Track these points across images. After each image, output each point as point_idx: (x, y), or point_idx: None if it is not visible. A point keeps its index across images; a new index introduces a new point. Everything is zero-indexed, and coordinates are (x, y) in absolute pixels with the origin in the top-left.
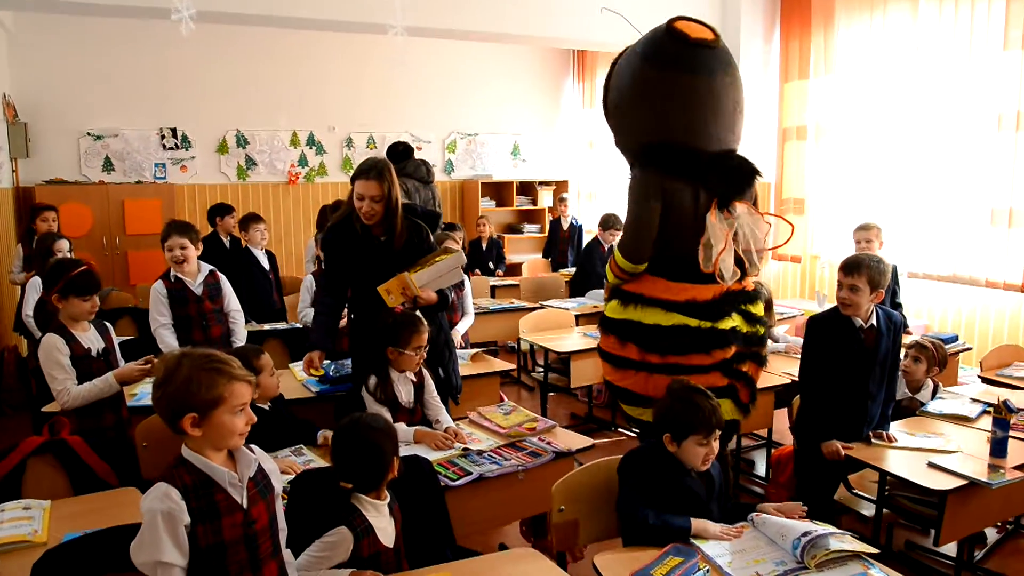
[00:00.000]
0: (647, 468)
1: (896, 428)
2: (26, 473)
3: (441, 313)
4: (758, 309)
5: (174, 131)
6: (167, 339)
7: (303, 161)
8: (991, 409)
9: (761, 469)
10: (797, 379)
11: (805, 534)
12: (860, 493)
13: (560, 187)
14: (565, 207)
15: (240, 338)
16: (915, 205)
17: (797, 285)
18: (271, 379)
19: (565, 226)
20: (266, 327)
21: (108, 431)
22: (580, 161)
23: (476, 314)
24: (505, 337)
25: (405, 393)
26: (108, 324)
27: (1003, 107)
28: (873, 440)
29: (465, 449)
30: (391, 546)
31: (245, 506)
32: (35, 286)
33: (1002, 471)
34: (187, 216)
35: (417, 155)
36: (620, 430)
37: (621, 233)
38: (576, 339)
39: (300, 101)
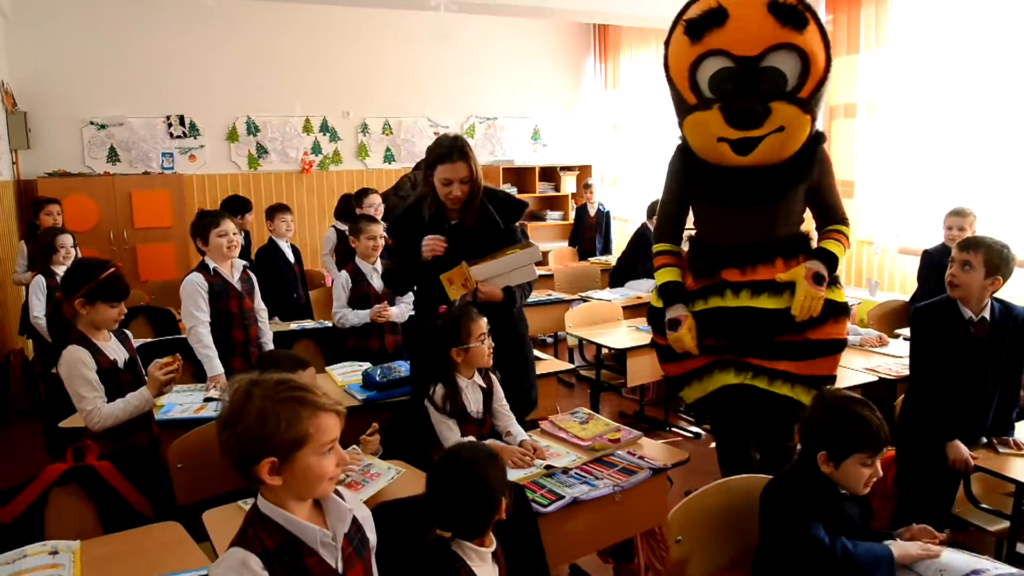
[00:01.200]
0: (797, 495)
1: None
2: (49, 506)
3: (516, 318)
4: None
5: (181, 119)
6: (204, 339)
7: (317, 148)
8: None
9: None
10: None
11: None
12: (986, 507)
13: (583, 172)
14: (591, 193)
15: (268, 340)
16: (979, 188)
17: (845, 273)
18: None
19: (592, 213)
20: (294, 326)
21: (140, 453)
22: (603, 145)
23: None
24: (544, 331)
25: (474, 402)
26: (127, 332)
27: None
28: (1000, 448)
29: (548, 466)
30: None
31: (341, 570)
32: (39, 286)
33: None
34: (199, 207)
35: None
36: (674, 430)
37: (843, 211)
38: (625, 333)
39: (312, 86)
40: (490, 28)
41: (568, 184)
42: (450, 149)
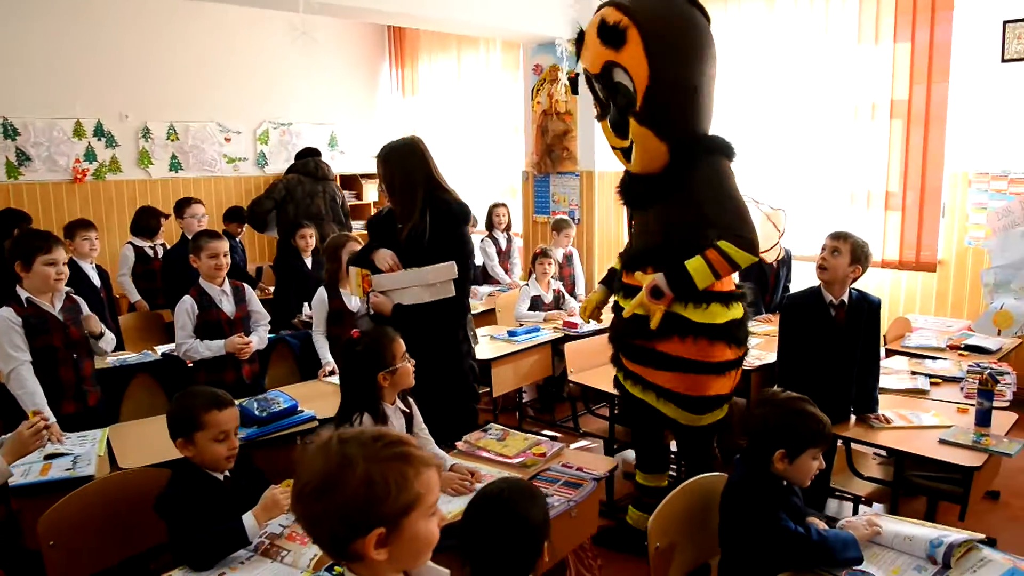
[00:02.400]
0: (759, 493)
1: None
2: None
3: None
4: None
5: None
6: (27, 383)
7: (91, 155)
8: (938, 380)
9: None
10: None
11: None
12: (869, 475)
13: None
14: None
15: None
16: (781, 189)
17: None
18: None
19: None
20: (113, 360)
21: None
22: None
23: None
24: None
25: (398, 427)
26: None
27: (859, 98)
28: (873, 423)
29: None
30: None
31: None
32: None
33: (1007, 439)
34: None
35: (226, 147)
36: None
37: (730, 227)
38: (487, 345)
39: (85, 84)
40: (278, 27)
41: (370, 192)
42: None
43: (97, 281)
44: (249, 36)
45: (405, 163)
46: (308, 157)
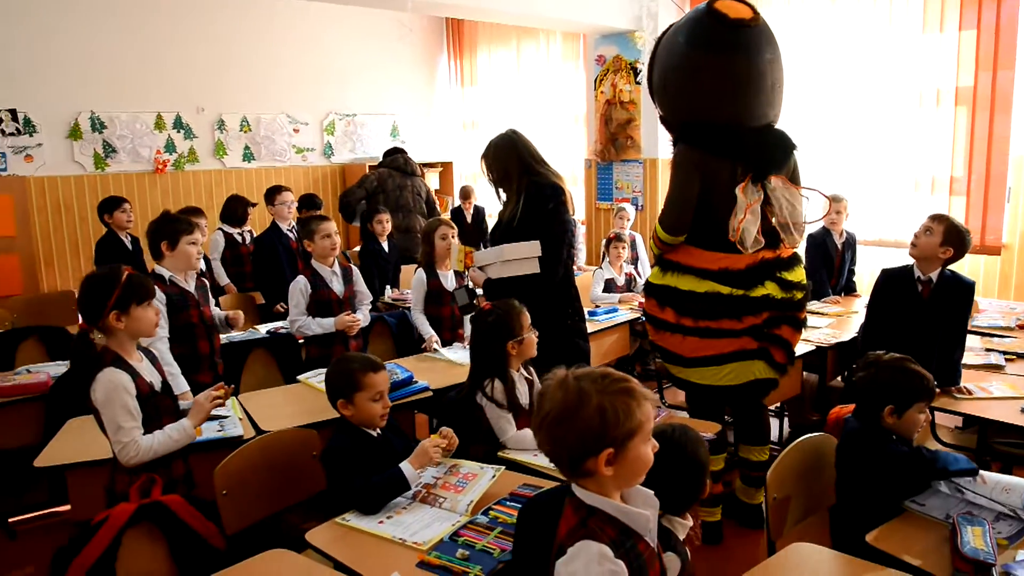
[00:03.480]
0: (872, 442)
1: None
2: (122, 551)
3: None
4: (795, 275)
5: (14, 113)
6: (166, 356)
7: (170, 147)
8: (1012, 356)
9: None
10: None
11: None
12: (949, 442)
13: (446, 169)
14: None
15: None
16: (846, 176)
17: None
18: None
19: (468, 218)
20: (238, 336)
21: (179, 484)
22: (459, 142)
23: None
24: None
25: (524, 395)
26: (153, 351)
27: (924, 85)
28: (956, 395)
29: None
30: None
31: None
32: None
33: None
34: (39, 214)
35: (295, 138)
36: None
37: (663, 207)
38: None
39: (164, 79)
40: (346, 22)
41: (431, 180)
42: None
43: (202, 264)
44: (316, 31)
45: (501, 157)
46: (396, 155)
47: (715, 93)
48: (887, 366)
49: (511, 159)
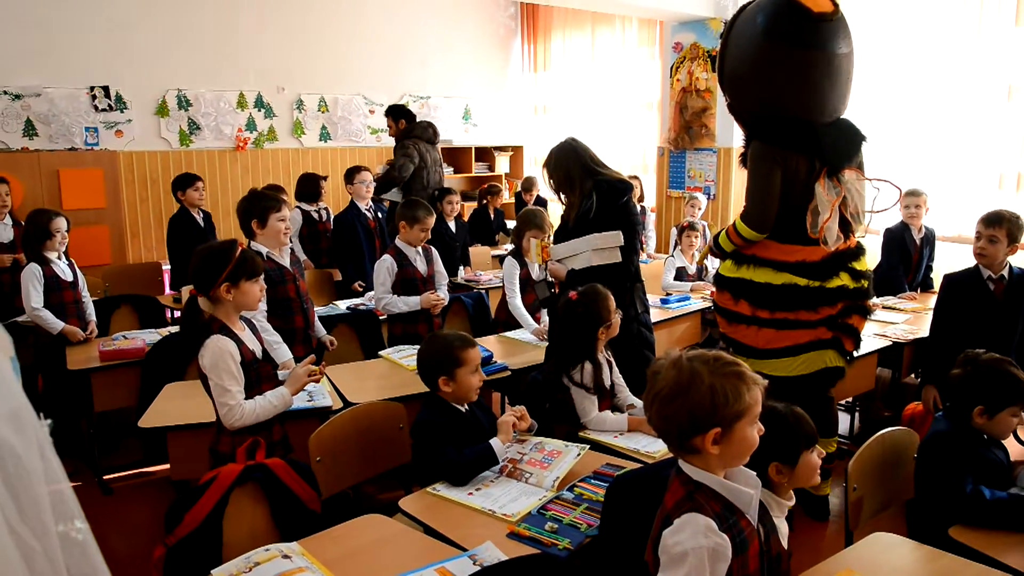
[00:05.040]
0: (952, 451)
1: None
2: (228, 509)
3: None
4: (862, 265)
5: (107, 90)
6: (266, 329)
7: (251, 125)
8: None
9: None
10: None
11: None
12: None
13: (516, 153)
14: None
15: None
16: (929, 170)
17: None
18: (473, 377)
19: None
20: (322, 311)
21: (278, 447)
22: (530, 126)
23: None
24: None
25: (607, 377)
26: (254, 321)
27: (1013, 79)
28: None
29: None
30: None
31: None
32: (34, 274)
33: None
34: (127, 187)
35: (370, 119)
36: None
37: (746, 203)
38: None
39: (247, 59)
40: (421, 5)
41: (502, 164)
42: None
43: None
44: (393, 13)
45: (562, 163)
46: (427, 126)
47: (792, 87)
48: (984, 365)
49: (573, 163)
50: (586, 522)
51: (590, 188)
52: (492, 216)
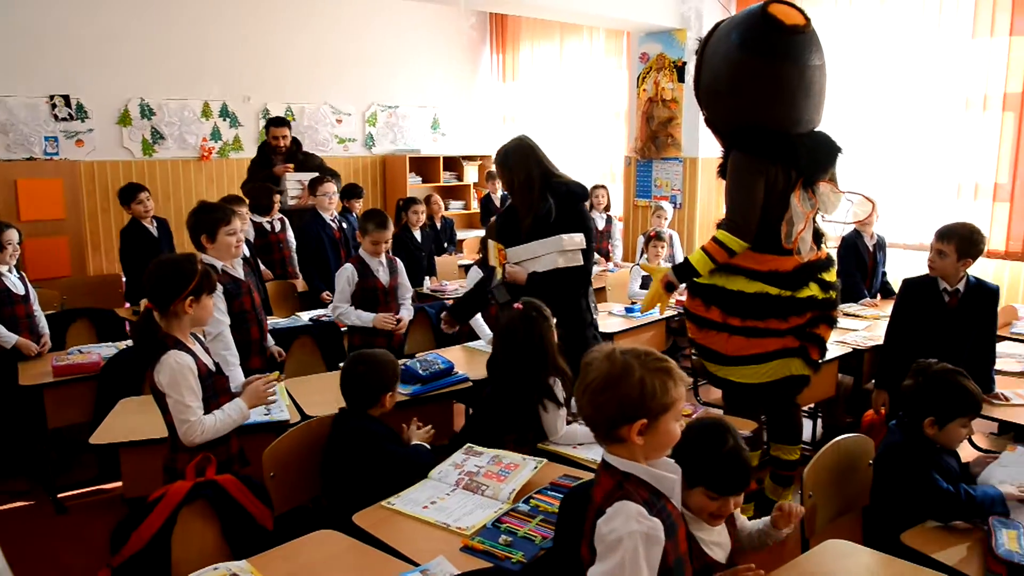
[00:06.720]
0: (913, 456)
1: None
2: (177, 528)
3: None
4: (831, 276)
5: (67, 99)
6: (231, 345)
7: (216, 135)
8: None
9: None
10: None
11: None
12: (983, 446)
13: (485, 162)
14: (495, 183)
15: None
16: (888, 179)
17: None
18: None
19: (497, 202)
20: (284, 322)
21: (235, 461)
22: (499, 136)
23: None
24: None
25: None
26: (201, 336)
27: (971, 90)
28: (993, 402)
29: None
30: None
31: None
32: None
33: None
34: (88, 198)
35: (337, 128)
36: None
37: (729, 214)
38: (607, 320)
39: (212, 68)
40: (391, 14)
41: (470, 174)
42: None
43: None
44: (361, 22)
45: (520, 163)
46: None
47: (769, 98)
48: (935, 376)
49: (532, 165)
50: (541, 534)
51: (552, 188)
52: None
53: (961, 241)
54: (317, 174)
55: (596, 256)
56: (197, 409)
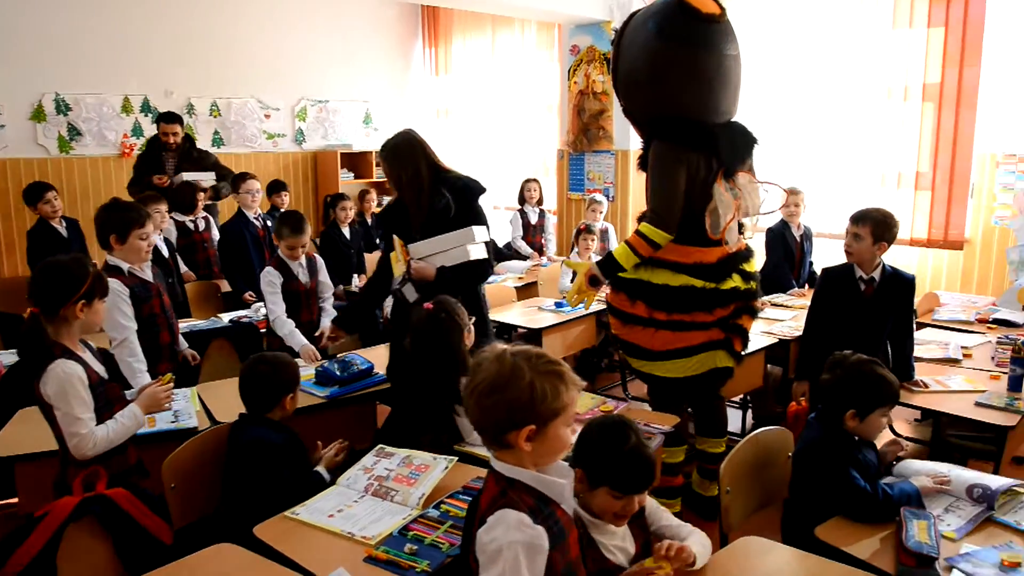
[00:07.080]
0: (832, 452)
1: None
2: (62, 546)
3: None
4: (751, 266)
5: None
6: (138, 351)
7: (138, 131)
8: (969, 350)
9: None
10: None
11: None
12: (907, 435)
13: None
14: None
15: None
16: (812, 169)
17: None
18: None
19: None
20: (203, 324)
21: (133, 473)
22: (431, 131)
23: None
24: None
25: None
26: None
27: (892, 80)
28: (913, 389)
29: None
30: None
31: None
32: None
33: None
34: (0, 198)
35: (265, 123)
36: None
37: (652, 206)
38: (536, 316)
39: (131, 62)
40: (319, 7)
41: None
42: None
43: (165, 251)
44: (290, 16)
45: (408, 157)
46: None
47: (687, 86)
48: (852, 368)
49: (420, 159)
50: (449, 541)
51: (446, 183)
52: (371, 223)
53: (876, 224)
54: (213, 173)
55: (529, 251)
56: (89, 420)
